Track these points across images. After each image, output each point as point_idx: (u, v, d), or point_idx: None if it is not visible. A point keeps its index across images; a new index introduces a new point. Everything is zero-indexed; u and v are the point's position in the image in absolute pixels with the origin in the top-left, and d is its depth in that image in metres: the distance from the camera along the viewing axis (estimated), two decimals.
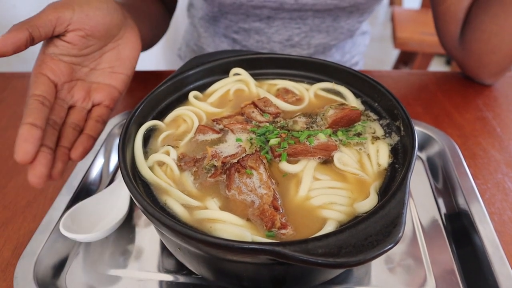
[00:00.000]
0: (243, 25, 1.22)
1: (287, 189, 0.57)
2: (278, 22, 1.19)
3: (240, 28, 1.24)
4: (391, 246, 0.43)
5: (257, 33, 1.23)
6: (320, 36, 1.22)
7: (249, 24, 1.21)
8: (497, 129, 0.92)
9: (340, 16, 1.18)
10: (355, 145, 0.63)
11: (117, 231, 0.69)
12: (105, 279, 0.64)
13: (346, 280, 0.63)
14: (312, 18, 1.17)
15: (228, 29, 1.26)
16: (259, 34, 1.23)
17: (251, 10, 1.15)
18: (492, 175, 0.80)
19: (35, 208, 0.75)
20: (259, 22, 1.20)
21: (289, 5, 1.11)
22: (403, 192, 0.48)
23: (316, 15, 1.16)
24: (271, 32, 1.21)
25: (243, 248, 0.43)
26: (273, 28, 1.20)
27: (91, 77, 0.74)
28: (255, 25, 1.21)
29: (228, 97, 0.76)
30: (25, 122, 0.57)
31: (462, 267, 0.64)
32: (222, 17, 1.24)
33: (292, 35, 1.22)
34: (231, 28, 1.25)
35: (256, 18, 1.19)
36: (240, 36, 1.26)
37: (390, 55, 3.83)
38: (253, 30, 1.22)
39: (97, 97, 0.73)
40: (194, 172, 0.60)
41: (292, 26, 1.20)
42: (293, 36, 1.22)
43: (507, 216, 0.72)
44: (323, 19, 1.18)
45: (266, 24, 1.20)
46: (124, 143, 0.59)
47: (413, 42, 2.62)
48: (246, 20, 1.20)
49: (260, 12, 1.16)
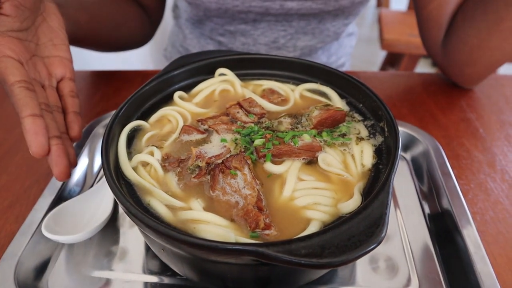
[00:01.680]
0: (229, 28, 1.22)
1: (271, 190, 0.57)
2: (263, 24, 1.19)
3: (226, 31, 1.23)
4: (374, 246, 0.43)
5: (243, 35, 1.23)
6: (306, 38, 1.23)
7: (234, 27, 1.21)
8: (480, 130, 0.93)
9: (325, 19, 1.18)
10: (339, 145, 0.64)
11: (101, 232, 0.69)
12: (89, 281, 0.64)
13: (331, 280, 0.63)
14: (298, 21, 1.17)
15: (214, 32, 1.26)
16: (245, 36, 1.23)
17: (237, 14, 1.15)
18: (475, 176, 0.81)
19: (18, 209, 0.74)
20: (245, 25, 1.20)
21: (274, 10, 1.11)
22: (386, 193, 0.48)
23: (302, 18, 1.16)
24: (257, 34, 1.21)
25: (226, 249, 0.43)
26: (259, 30, 1.20)
27: (39, 53, 0.73)
28: (240, 27, 1.21)
29: (213, 98, 0.76)
30: (26, 114, 0.58)
31: (445, 267, 0.65)
32: (207, 20, 1.24)
33: (278, 37, 1.22)
34: (217, 30, 1.25)
35: (242, 21, 1.19)
36: (226, 38, 1.25)
37: (377, 57, 3.86)
38: (238, 32, 1.22)
39: (58, 72, 0.72)
40: (179, 173, 0.60)
41: (278, 28, 1.20)
42: (279, 38, 1.22)
43: (489, 216, 0.73)
44: (309, 21, 1.18)
45: (252, 26, 1.20)
46: (107, 143, 0.58)
47: (400, 43, 2.64)
48: (232, 23, 1.20)
49: (245, 16, 1.16)
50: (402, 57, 2.84)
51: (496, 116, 0.98)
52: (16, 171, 0.83)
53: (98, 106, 1.02)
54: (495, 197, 0.76)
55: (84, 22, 0.96)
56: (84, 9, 0.97)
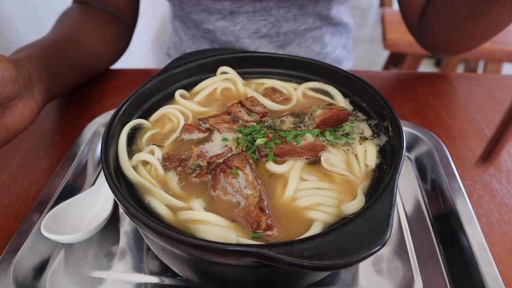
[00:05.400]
0: (208, 26, 1.20)
1: (273, 190, 0.56)
2: (242, 17, 1.16)
3: (207, 30, 1.21)
4: (377, 249, 0.42)
5: (223, 34, 1.21)
6: (288, 24, 1.19)
7: (213, 25, 1.19)
8: (485, 131, 0.92)
9: (305, 5, 1.15)
10: (342, 145, 0.63)
11: (101, 232, 0.68)
12: (88, 281, 0.63)
13: (333, 282, 0.62)
14: (277, 9, 1.14)
15: (199, 33, 1.24)
16: (226, 35, 1.21)
17: (212, 4, 1.12)
18: (480, 177, 0.80)
19: (17, 209, 0.74)
20: (223, 21, 1.17)
21: None
22: (391, 193, 0.48)
23: (280, 5, 1.13)
24: (237, 30, 1.19)
25: (227, 250, 0.43)
26: (238, 25, 1.18)
27: None
28: (219, 25, 1.18)
29: (215, 96, 0.75)
30: None
31: (450, 269, 0.64)
32: (186, 18, 1.22)
33: (259, 27, 1.19)
34: (199, 28, 1.23)
35: (219, 15, 1.16)
36: (209, 37, 1.24)
37: (380, 56, 3.85)
38: (218, 31, 1.20)
39: None
40: (179, 172, 0.59)
41: (258, 19, 1.17)
42: (260, 28, 1.19)
43: (494, 218, 0.72)
44: (289, 9, 1.15)
45: (231, 21, 1.17)
46: (107, 142, 0.58)
47: (403, 43, 2.63)
48: (210, 19, 1.18)
49: (221, 7, 1.13)
50: (405, 57, 2.83)
51: (501, 116, 0.97)
52: (16, 170, 0.82)
53: (98, 104, 1.01)
54: (500, 199, 0.75)
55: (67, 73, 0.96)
56: (64, 61, 0.95)
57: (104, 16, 1.12)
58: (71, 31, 1.01)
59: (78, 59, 1.00)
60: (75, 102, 1.02)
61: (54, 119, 0.97)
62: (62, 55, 0.93)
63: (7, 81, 0.69)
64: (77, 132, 0.88)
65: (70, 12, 1.09)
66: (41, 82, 0.81)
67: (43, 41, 0.93)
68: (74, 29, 1.02)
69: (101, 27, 1.09)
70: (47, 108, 0.99)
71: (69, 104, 1.02)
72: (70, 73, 0.97)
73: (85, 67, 1.04)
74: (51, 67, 0.87)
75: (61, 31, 1.00)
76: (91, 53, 1.04)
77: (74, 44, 0.99)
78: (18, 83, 0.72)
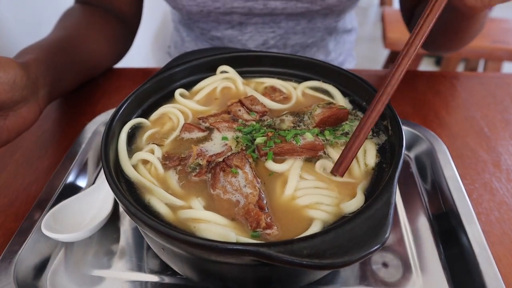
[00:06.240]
0: (216, 34, 1.19)
1: (273, 189, 0.56)
2: (250, 28, 1.16)
3: (214, 37, 1.21)
4: (377, 247, 0.42)
5: (230, 42, 1.20)
6: (296, 37, 1.20)
7: (221, 33, 1.18)
8: (484, 129, 0.92)
9: (315, 18, 1.15)
10: (342, 145, 0.63)
11: (101, 231, 0.68)
12: (89, 280, 0.63)
13: (333, 281, 0.62)
14: (286, 21, 1.14)
15: (204, 37, 1.24)
16: (233, 43, 1.20)
17: (221, 17, 1.12)
18: (480, 175, 0.80)
19: (17, 208, 0.74)
20: (232, 30, 1.17)
21: (258, 10, 1.08)
22: (390, 192, 0.48)
23: (289, 18, 1.13)
24: (245, 39, 1.19)
25: (227, 249, 0.43)
26: (246, 35, 1.18)
27: None
28: (227, 33, 1.18)
29: (214, 95, 0.75)
30: None
31: (450, 267, 0.64)
32: (194, 25, 1.22)
33: (267, 39, 1.19)
34: (206, 35, 1.22)
35: (228, 25, 1.16)
36: (215, 43, 1.23)
37: (380, 55, 3.84)
38: (226, 38, 1.20)
39: None
40: (179, 171, 0.59)
41: (266, 31, 1.17)
42: (268, 40, 1.19)
43: (494, 217, 0.72)
44: (298, 22, 1.15)
45: (239, 31, 1.17)
46: (107, 141, 0.58)
47: (403, 42, 2.62)
48: (218, 28, 1.17)
49: (230, 19, 1.13)
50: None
51: (501, 115, 0.97)
52: (16, 169, 0.82)
53: (98, 103, 1.01)
54: (500, 197, 0.75)
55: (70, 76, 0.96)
56: (68, 64, 0.95)
57: (108, 17, 1.11)
58: (75, 32, 1.01)
59: (81, 61, 1.00)
60: (75, 101, 1.02)
61: (55, 118, 0.97)
62: (66, 58, 0.93)
63: (18, 87, 0.70)
64: (78, 131, 0.88)
65: (73, 12, 1.09)
66: (45, 86, 0.81)
67: (47, 42, 0.93)
68: (77, 30, 1.02)
69: (105, 29, 1.09)
70: (47, 107, 0.99)
71: (70, 103, 1.02)
72: (72, 75, 0.97)
73: (87, 69, 1.04)
74: (55, 71, 0.87)
75: (64, 32, 1.00)
76: (94, 54, 1.04)
77: (78, 45, 0.99)
78: (27, 88, 0.73)
